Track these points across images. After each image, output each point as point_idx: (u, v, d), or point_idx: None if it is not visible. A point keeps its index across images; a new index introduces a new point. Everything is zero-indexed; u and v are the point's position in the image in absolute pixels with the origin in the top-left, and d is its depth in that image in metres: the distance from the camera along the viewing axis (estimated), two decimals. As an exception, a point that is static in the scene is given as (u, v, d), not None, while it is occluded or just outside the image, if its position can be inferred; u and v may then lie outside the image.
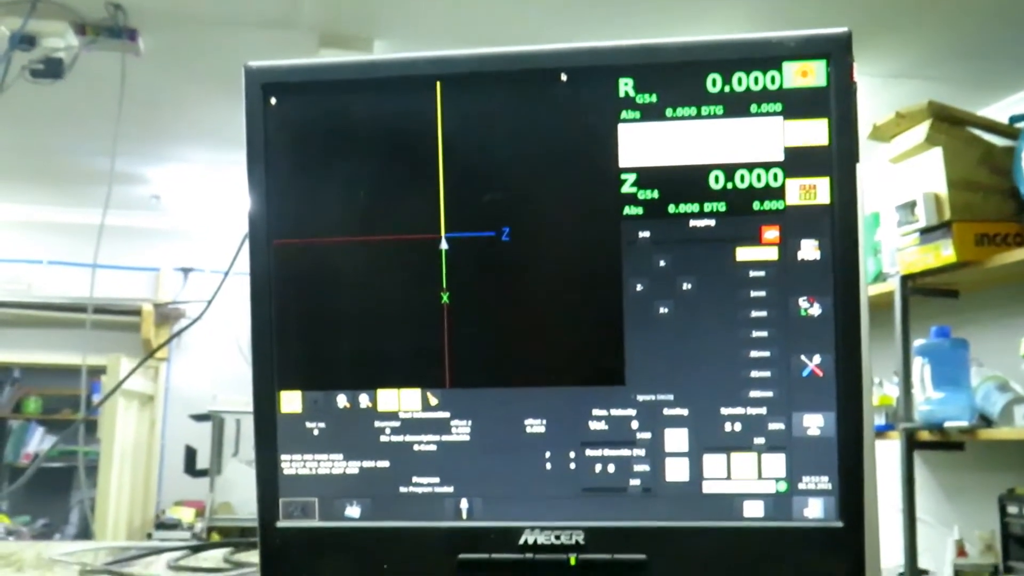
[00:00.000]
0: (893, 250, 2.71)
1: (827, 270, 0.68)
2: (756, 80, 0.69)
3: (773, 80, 0.69)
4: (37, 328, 5.43)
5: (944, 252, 2.49)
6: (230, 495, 4.14)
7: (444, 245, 0.71)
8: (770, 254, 0.69)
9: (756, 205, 0.69)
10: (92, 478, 3.67)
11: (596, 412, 0.69)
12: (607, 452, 0.69)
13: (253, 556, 1.00)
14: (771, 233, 0.69)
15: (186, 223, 5.62)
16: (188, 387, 5.50)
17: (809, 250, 0.68)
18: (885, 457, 2.59)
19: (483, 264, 0.71)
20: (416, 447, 0.70)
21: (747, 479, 0.68)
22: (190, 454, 4.58)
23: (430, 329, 0.71)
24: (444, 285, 0.71)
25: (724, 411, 0.68)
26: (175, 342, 5.70)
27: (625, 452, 0.69)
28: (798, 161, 0.69)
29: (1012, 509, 2.49)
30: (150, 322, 5.50)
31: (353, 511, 0.70)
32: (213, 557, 1.46)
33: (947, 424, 2.46)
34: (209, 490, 4.25)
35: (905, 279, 2.64)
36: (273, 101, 0.72)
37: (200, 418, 4.57)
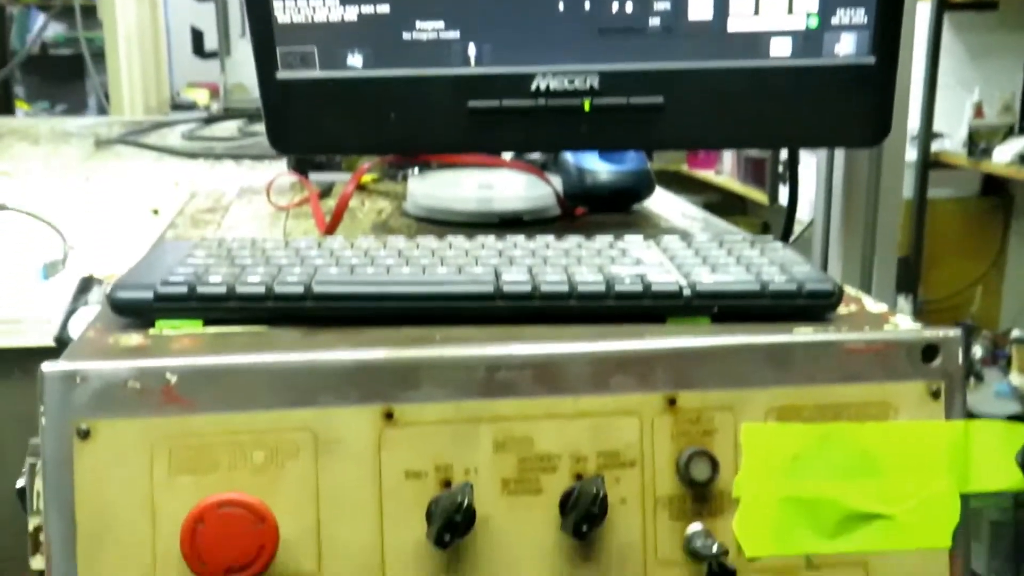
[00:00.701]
0: None
1: None
2: None
3: None
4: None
5: None
6: (243, 76, 4.11)
7: None
8: None
9: None
10: (102, 64, 3.65)
11: (614, -54, 0.63)
12: (625, -10, 0.64)
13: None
14: None
15: None
16: (185, -33, 5.26)
17: None
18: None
19: None
20: (418, -10, 0.65)
21: (776, 15, 0.63)
22: (197, 36, 4.49)
23: None
24: None
25: (756, -61, 0.62)
26: (165, -83, 5.35)
27: (645, -11, 0.63)
28: None
29: (1037, 68, 2.44)
30: None
31: (355, 60, 0.66)
32: (227, 128, 1.46)
33: (984, -20, 2.33)
34: (221, 71, 4.22)
35: None
36: None
37: (202, -2, 4.41)
